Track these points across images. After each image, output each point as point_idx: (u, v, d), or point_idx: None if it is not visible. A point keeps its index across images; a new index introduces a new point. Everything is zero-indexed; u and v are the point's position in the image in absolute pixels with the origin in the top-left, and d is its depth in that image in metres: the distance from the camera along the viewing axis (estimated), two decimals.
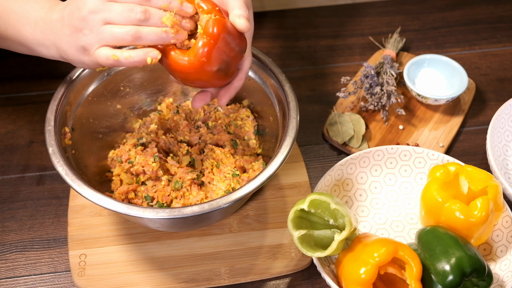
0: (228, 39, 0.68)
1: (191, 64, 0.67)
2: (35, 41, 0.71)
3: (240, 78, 0.76)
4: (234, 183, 0.82)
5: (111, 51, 0.66)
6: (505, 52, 1.14)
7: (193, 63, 0.67)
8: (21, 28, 0.71)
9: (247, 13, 0.69)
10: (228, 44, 0.68)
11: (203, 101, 0.76)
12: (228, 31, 0.68)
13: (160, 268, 0.82)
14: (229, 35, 0.68)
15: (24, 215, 0.90)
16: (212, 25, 0.66)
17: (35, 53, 0.74)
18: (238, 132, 0.91)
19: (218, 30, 0.66)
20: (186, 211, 0.69)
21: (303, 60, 1.13)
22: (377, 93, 0.99)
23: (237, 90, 0.76)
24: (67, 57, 0.70)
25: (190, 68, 0.68)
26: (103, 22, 0.66)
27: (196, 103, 0.77)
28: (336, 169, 0.87)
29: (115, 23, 0.66)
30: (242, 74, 0.76)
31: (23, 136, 0.99)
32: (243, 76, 0.76)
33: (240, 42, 0.71)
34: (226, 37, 0.68)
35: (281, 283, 0.83)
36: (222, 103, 0.76)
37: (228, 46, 0.69)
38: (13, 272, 0.84)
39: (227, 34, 0.68)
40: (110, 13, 0.65)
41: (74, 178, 0.72)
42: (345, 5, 1.25)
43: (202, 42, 0.67)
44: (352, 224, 0.73)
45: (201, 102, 0.76)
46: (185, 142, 0.90)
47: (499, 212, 0.80)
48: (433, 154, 0.89)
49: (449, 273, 0.72)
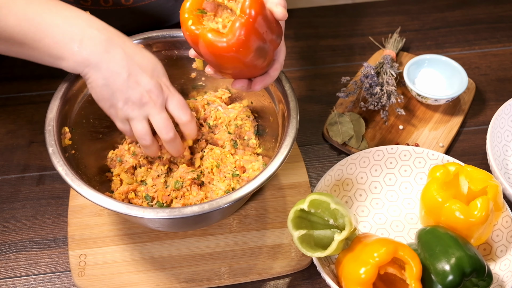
0: (265, 22, 0.67)
1: (230, 45, 0.66)
2: (72, 59, 0.71)
3: (276, 68, 0.75)
4: (234, 183, 0.82)
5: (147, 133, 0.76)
6: (505, 52, 1.14)
7: (232, 44, 0.66)
8: (58, 41, 0.71)
9: (284, 1, 0.69)
10: (265, 27, 0.67)
11: (241, 83, 0.76)
12: (265, 13, 0.67)
13: (160, 268, 0.82)
14: (266, 18, 0.67)
15: (24, 215, 0.90)
16: (250, 5, 0.65)
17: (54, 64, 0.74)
18: (238, 132, 0.91)
19: (256, 10, 0.66)
20: (186, 211, 0.69)
21: (303, 60, 1.13)
22: (377, 93, 0.99)
23: (273, 80, 0.76)
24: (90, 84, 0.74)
25: (229, 50, 0.67)
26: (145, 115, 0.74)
27: (236, 84, 0.76)
28: (336, 169, 0.87)
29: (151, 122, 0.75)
30: (277, 64, 0.75)
31: (23, 136, 0.99)
32: (278, 66, 0.76)
33: (276, 27, 0.70)
34: (263, 19, 0.67)
35: (281, 283, 0.83)
36: (256, 89, 0.76)
37: (265, 29, 0.68)
38: (13, 272, 0.84)
39: (264, 17, 0.67)
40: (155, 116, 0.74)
41: (74, 178, 0.72)
42: (345, 5, 1.25)
43: (240, 22, 0.65)
44: (352, 224, 0.73)
45: (240, 83, 0.76)
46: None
47: (499, 212, 0.80)
48: (433, 154, 0.89)
49: (449, 273, 0.72)
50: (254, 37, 0.67)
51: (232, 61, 0.69)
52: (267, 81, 0.75)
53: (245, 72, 0.73)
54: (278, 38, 0.72)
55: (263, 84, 0.75)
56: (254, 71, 0.73)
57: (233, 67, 0.71)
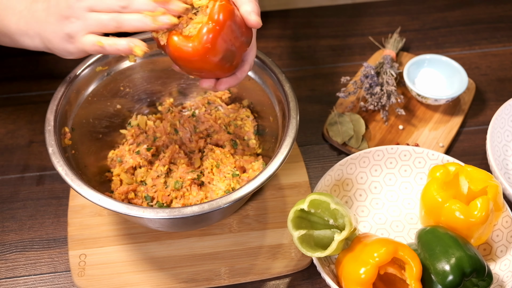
0: (234, 27, 0.66)
1: (195, 50, 0.65)
2: (19, 31, 0.71)
3: (244, 70, 0.75)
4: (234, 183, 0.82)
5: (97, 38, 0.67)
6: (505, 52, 1.14)
7: (197, 50, 0.65)
8: (4, 18, 0.72)
9: (258, 7, 0.69)
10: (234, 32, 0.67)
11: (208, 83, 0.75)
12: (234, 19, 0.66)
13: (160, 268, 0.82)
14: (235, 23, 0.66)
15: (24, 215, 0.90)
16: (218, 11, 0.65)
17: (18, 44, 0.74)
18: (238, 132, 0.91)
19: (224, 16, 0.65)
20: (186, 211, 0.69)
21: (303, 60, 1.13)
22: (377, 93, 0.99)
23: (239, 81, 0.75)
24: (51, 46, 0.71)
25: (194, 55, 0.66)
26: (88, 10, 0.67)
27: (203, 84, 0.75)
28: (336, 169, 0.87)
29: (100, 11, 0.67)
30: (246, 66, 0.75)
31: (23, 136, 0.99)
32: (247, 68, 0.75)
33: (246, 31, 0.69)
34: (232, 25, 0.66)
35: (281, 283, 0.83)
36: (220, 89, 0.75)
37: (233, 34, 0.67)
38: (13, 272, 0.84)
39: (233, 22, 0.66)
40: (95, 0, 0.67)
41: (74, 178, 0.72)
42: (345, 5, 1.25)
43: (207, 28, 0.65)
44: (352, 224, 0.73)
45: (207, 83, 0.75)
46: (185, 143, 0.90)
47: (499, 212, 0.80)
48: (433, 154, 0.89)
49: (449, 273, 0.72)
50: (221, 43, 0.66)
51: (198, 65, 0.68)
52: (233, 83, 0.75)
53: (211, 74, 0.72)
54: (247, 42, 0.71)
55: (228, 85, 0.75)
56: (220, 73, 0.72)
57: (199, 70, 0.70)
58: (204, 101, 0.94)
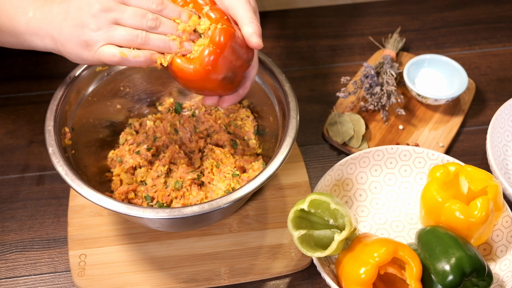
0: (235, 48, 0.68)
1: (196, 72, 0.67)
2: (28, 31, 0.70)
3: (246, 86, 0.77)
4: (234, 183, 0.82)
5: (119, 49, 0.67)
6: (505, 52, 1.14)
7: (198, 71, 0.67)
8: (13, 18, 0.71)
9: (260, 28, 0.70)
10: (235, 53, 0.68)
11: (212, 100, 0.76)
12: (235, 40, 0.67)
13: (160, 268, 0.82)
14: (236, 44, 0.68)
15: (24, 215, 0.90)
16: (219, 34, 0.66)
17: (25, 44, 0.72)
18: (238, 132, 0.91)
19: (225, 39, 0.66)
20: (185, 211, 0.69)
21: (303, 60, 1.13)
22: (377, 93, 0.99)
23: (241, 97, 0.77)
24: (64, 50, 0.70)
25: (195, 76, 0.68)
26: (113, 22, 0.67)
27: (206, 101, 0.76)
28: (336, 169, 0.87)
29: (125, 25, 0.67)
30: (248, 82, 0.76)
31: (23, 136, 0.99)
32: (248, 85, 0.77)
33: (247, 51, 0.70)
34: (233, 46, 0.67)
35: (281, 283, 0.83)
36: (223, 106, 0.77)
37: (235, 55, 0.68)
38: (13, 272, 0.84)
39: (234, 43, 0.67)
40: (123, 14, 0.67)
41: (74, 178, 0.72)
42: (345, 5, 1.25)
43: (208, 51, 0.66)
44: (352, 224, 0.73)
45: (210, 100, 0.76)
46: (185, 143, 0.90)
47: (499, 212, 0.80)
48: (433, 154, 0.89)
49: (449, 273, 0.72)
50: (222, 65, 0.67)
51: (200, 84, 0.70)
52: (235, 100, 0.76)
53: (213, 92, 0.73)
54: (249, 61, 0.72)
55: (231, 103, 0.76)
56: (222, 92, 0.74)
57: (201, 89, 0.72)
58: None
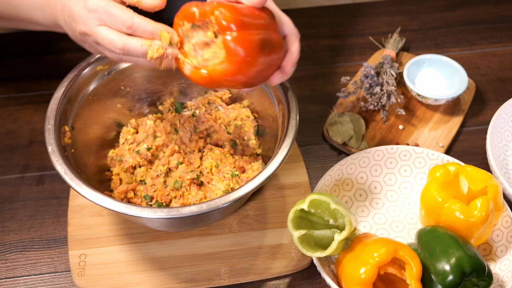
0: (245, 20, 0.65)
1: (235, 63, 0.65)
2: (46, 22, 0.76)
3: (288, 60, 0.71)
4: (233, 183, 0.82)
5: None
6: (505, 52, 1.14)
7: (237, 62, 0.65)
8: (30, 12, 0.76)
9: None
10: (250, 22, 0.65)
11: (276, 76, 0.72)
12: (243, 13, 0.65)
13: (160, 268, 0.82)
14: (246, 17, 0.65)
15: (24, 215, 0.90)
16: (225, 18, 0.63)
17: (27, 18, 0.78)
18: (238, 132, 0.91)
19: (230, 18, 0.63)
20: (184, 211, 0.69)
21: (303, 60, 1.12)
22: (377, 93, 0.99)
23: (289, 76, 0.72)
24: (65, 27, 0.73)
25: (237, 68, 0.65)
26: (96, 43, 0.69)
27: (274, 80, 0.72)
28: (336, 169, 0.87)
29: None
30: (290, 55, 0.72)
31: (23, 136, 0.99)
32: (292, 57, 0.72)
33: (262, 12, 0.67)
34: (242, 19, 0.64)
35: (281, 283, 0.83)
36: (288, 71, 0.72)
37: (255, 28, 0.65)
38: (13, 272, 0.84)
39: (241, 16, 0.64)
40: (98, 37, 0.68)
41: (73, 177, 0.72)
42: (345, 5, 1.25)
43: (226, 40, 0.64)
44: (352, 224, 0.73)
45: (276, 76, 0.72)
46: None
47: (499, 212, 0.80)
48: (433, 154, 0.89)
49: (449, 273, 0.72)
50: (248, 40, 0.64)
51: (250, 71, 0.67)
52: (284, 78, 0.72)
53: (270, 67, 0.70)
54: (271, 17, 0.68)
55: (280, 81, 0.72)
56: (267, 73, 0.70)
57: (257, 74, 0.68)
58: (205, 101, 0.94)
